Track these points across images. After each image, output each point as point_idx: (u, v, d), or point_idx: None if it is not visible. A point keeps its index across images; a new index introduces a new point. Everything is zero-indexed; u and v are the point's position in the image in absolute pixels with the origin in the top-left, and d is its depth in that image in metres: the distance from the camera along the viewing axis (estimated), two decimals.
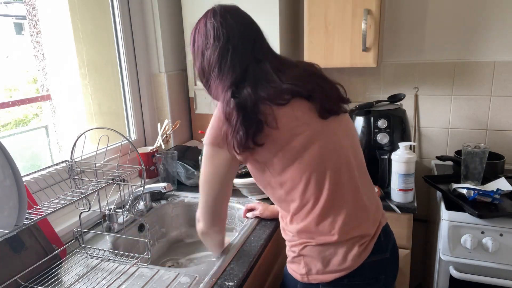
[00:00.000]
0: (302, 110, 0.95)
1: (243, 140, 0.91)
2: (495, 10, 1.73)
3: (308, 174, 0.94)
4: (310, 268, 0.99)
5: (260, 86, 0.93)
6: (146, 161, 1.65)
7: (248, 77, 0.95)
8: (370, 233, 0.99)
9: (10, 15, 1.43)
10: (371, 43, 1.56)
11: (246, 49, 0.97)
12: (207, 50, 0.99)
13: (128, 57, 1.70)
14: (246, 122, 0.90)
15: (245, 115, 0.91)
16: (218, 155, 0.97)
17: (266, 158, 0.95)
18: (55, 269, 1.07)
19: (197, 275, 1.04)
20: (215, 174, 1.00)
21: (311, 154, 0.94)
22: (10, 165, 0.85)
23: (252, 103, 0.91)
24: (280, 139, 0.93)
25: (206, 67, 1.00)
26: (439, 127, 1.92)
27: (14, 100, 1.32)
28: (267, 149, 0.94)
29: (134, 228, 1.38)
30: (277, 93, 0.92)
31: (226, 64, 0.96)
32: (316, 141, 0.94)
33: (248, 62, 0.97)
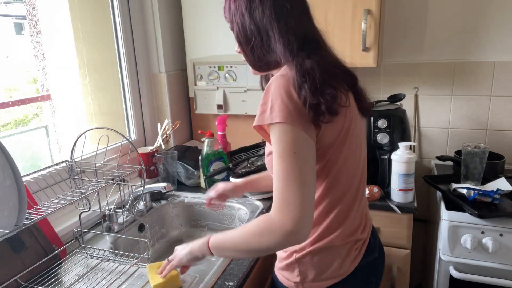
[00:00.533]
0: (352, 102, 0.90)
1: (334, 100, 0.79)
2: (495, 10, 1.73)
3: (332, 172, 0.87)
4: (306, 275, 0.93)
5: (325, 58, 0.85)
6: (146, 161, 1.65)
7: (309, 46, 0.85)
8: (363, 236, 0.97)
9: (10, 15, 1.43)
10: (371, 43, 1.56)
11: (300, 12, 0.87)
12: (255, 11, 0.84)
13: (128, 57, 1.70)
14: (329, 82, 0.79)
15: (326, 76, 0.80)
16: (294, 133, 0.78)
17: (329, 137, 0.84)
18: (55, 269, 1.07)
19: (197, 275, 1.04)
20: (298, 160, 0.77)
21: (345, 153, 0.87)
22: (10, 165, 0.85)
23: (327, 70, 0.81)
24: (345, 120, 0.85)
25: (253, 30, 0.85)
26: (439, 127, 1.92)
27: (14, 100, 1.32)
28: (332, 126, 0.83)
29: (134, 228, 1.38)
30: (335, 75, 0.84)
31: (286, 25, 0.83)
32: (353, 141, 0.89)
33: (306, 27, 0.87)
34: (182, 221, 1.58)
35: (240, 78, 1.75)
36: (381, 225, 1.52)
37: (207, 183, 1.58)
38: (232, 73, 1.75)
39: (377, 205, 1.48)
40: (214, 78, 1.79)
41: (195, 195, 1.59)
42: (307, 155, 0.79)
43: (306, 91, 0.77)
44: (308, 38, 0.86)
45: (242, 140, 1.83)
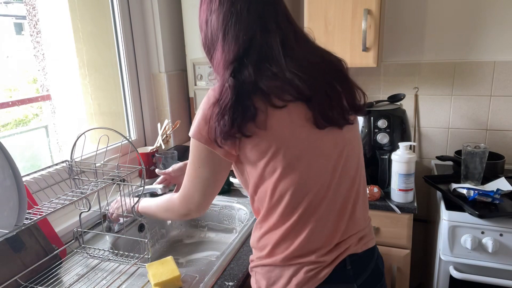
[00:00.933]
0: (298, 116, 0.82)
1: (226, 126, 0.78)
2: (495, 10, 1.73)
3: (283, 192, 0.83)
4: (260, 285, 0.90)
5: (263, 67, 0.80)
6: (146, 161, 1.65)
7: (252, 52, 0.80)
8: (324, 260, 0.86)
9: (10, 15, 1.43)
10: (371, 43, 1.56)
11: (253, 14, 0.81)
12: (211, 15, 0.84)
13: (128, 57, 1.70)
14: (236, 106, 0.78)
15: (237, 98, 0.78)
16: (201, 147, 0.86)
17: (250, 158, 0.83)
18: (55, 269, 1.07)
19: (197, 275, 1.04)
20: (203, 168, 0.89)
21: (294, 173, 0.82)
22: (10, 165, 0.85)
23: (248, 89, 0.79)
24: (265, 142, 0.80)
25: (209, 36, 0.86)
26: (439, 127, 1.92)
27: (14, 100, 1.32)
28: (250, 146, 0.81)
29: (134, 228, 1.38)
30: (277, 88, 0.79)
31: (229, 32, 0.81)
32: (303, 158, 0.82)
33: (254, 31, 0.81)
34: (182, 221, 1.58)
35: None
36: (381, 225, 1.52)
37: None
38: None
39: (377, 205, 1.49)
40: (214, 78, 1.78)
41: None
42: (210, 168, 0.88)
43: (213, 112, 0.80)
44: (256, 45, 0.81)
45: None
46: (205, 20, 0.86)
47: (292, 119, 0.81)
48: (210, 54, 0.89)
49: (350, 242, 0.90)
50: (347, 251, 0.89)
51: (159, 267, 1.01)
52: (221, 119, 0.78)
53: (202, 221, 1.57)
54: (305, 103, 0.82)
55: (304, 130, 0.82)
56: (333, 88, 0.85)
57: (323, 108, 0.83)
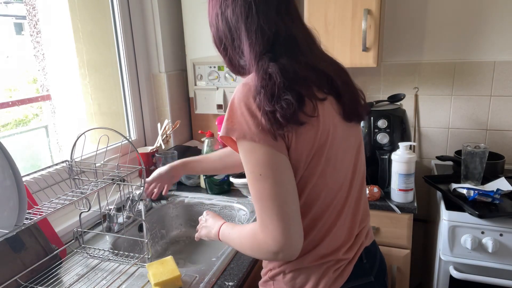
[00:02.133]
0: (334, 109, 0.81)
1: (290, 108, 0.71)
2: (495, 10, 1.73)
3: (319, 190, 0.80)
4: None
5: (294, 58, 0.77)
6: (146, 161, 1.65)
7: (280, 46, 0.77)
8: (348, 257, 0.85)
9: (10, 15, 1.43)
10: (371, 43, 1.56)
11: (270, 8, 0.78)
12: (226, 9, 0.80)
13: (128, 57, 1.70)
14: (291, 88, 0.72)
15: (290, 81, 0.73)
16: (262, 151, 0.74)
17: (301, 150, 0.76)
18: (55, 269, 1.07)
19: (197, 275, 1.04)
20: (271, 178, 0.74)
21: (330, 169, 0.79)
22: (10, 165, 0.85)
23: (292, 77, 0.74)
24: (314, 131, 0.75)
25: (225, 30, 0.81)
26: (439, 127, 1.92)
27: (14, 100, 1.32)
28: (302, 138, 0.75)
29: (134, 228, 1.38)
30: (314, 80, 0.77)
31: (253, 23, 0.77)
32: (338, 154, 0.81)
33: (277, 24, 0.77)
34: (182, 221, 1.58)
35: (240, 78, 1.74)
36: (381, 225, 1.52)
37: (207, 183, 1.58)
38: (232, 73, 1.75)
39: (377, 205, 1.49)
40: (214, 78, 1.79)
41: (195, 195, 1.59)
42: (278, 171, 0.73)
43: (261, 99, 0.72)
44: (281, 37, 0.77)
45: None
46: (217, 14, 0.82)
47: (332, 111, 0.80)
48: (225, 49, 0.84)
49: (363, 235, 0.91)
50: (363, 245, 0.90)
51: (159, 267, 1.01)
52: (279, 100, 0.71)
53: None
54: (335, 97, 0.82)
55: (340, 124, 0.82)
56: (351, 84, 0.86)
57: (352, 102, 0.84)
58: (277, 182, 0.73)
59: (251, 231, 0.80)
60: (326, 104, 0.79)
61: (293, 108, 0.71)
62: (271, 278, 0.88)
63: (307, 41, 0.82)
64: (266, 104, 0.71)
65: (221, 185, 1.59)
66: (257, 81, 0.74)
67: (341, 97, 0.82)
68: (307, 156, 0.76)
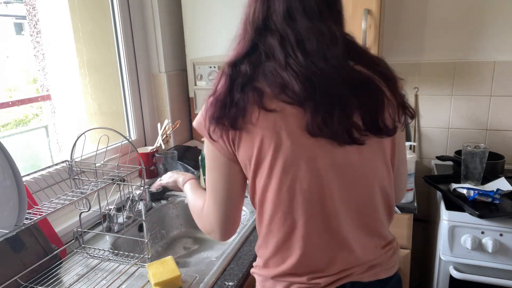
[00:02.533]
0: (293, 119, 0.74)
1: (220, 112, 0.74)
2: (495, 10, 1.73)
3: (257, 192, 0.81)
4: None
5: (262, 66, 0.75)
6: (146, 161, 1.65)
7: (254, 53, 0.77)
8: (319, 282, 0.80)
9: (10, 15, 1.43)
10: (371, 43, 1.56)
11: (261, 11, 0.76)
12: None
13: (128, 57, 1.70)
14: (230, 96, 0.74)
15: (232, 89, 0.74)
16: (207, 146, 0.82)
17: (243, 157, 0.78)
18: (55, 269, 1.07)
19: (197, 275, 1.04)
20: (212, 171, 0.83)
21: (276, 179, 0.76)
22: (10, 165, 0.85)
23: (243, 83, 0.74)
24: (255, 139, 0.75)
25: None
26: (439, 127, 1.92)
27: (14, 100, 1.32)
28: (243, 145, 0.77)
29: (134, 228, 1.38)
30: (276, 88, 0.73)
31: (238, 31, 0.80)
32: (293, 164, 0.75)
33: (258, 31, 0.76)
34: (182, 221, 1.58)
35: None
36: None
37: None
38: None
39: None
40: (214, 78, 1.78)
41: None
42: (217, 168, 0.82)
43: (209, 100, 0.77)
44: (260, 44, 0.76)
45: None
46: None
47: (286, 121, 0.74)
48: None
49: (354, 268, 0.82)
50: (347, 278, 0.81)
51: (159, 267, 1.01)
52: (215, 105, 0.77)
53: None
54: (301, 107, 0.73)
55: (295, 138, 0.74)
56: (343, 100, 0.73)
57: (321, 116, 0.72)
58: (217, 177, 0.83)
59: (202, 205, 0.90)
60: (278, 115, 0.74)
61: (232, 113, 0.74)
62: (253, 274, 0.92)
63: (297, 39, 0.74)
64: (208, 106, 0.77)
65: None
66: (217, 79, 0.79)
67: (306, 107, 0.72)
68: (250, 162, 0.78)
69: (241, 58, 0.77)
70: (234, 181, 0.83)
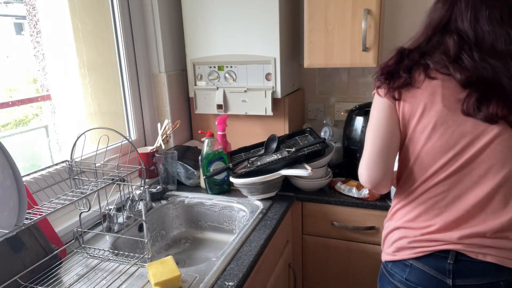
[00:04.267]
0: (450, 91, 0.90)
1: (391, 67, 0.95)
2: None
3: (405, 144, 1.01)
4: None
5: (431, 55, 0.94)
6: (146, 161, 1.65)
7: (426, 46, 0.97)
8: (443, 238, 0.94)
9: (10, 15, 1.43)
10: (371, 43, 1.56)
11: (445, 15, 0.98)
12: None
13: (128, 57, 1.70)
14: (400, 63, 0.96)
15: (401, 57, 0.96)
16: (377, 101, 1.00)
17: (410, 112, 0.95)
18: (55, 269, 1.07)
19: (197, 275, 1.04)
20: (376, 121, 1.00)
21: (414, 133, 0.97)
22: (10, 165, 0.85)
23: (413, 58, 0.95)
24: (421, 100, 0.92)
25: None
26: None
27: (14, 100, 1.32)
28: (409, 100, 0.94)
29: (134, 228, 1.38)
30: (437, 63, 0.92)
31: (420, 30, 1.02)
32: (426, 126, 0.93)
33: (438, 30, 0.98)
34: (182, 221, 1.58)
35: (240, 78, 1.75)
36: (381, 225, 1.51)
37: (207, 183, 1.58)
38: (232, 73, 1.75)
39: (377, 205, 1.49)
40: (214, 78, 1.79)
41: (195, 195, 1.59)
42: (380, 118, 1.00)
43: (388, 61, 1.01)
44: (433, 40, 0.98)
45: (242, 140, 1.83)
46: None
47: (442, 91, 0.91)
48: None
49: (461, 233, 0.93)
50: (454, 244, 0.93)
51: (159, 267, 1.01)
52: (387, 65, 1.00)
53: (202, 221, 1.57)
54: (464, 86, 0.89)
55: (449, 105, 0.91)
56: (507, 92, 0.86)
57: (477, 100, 0.87)
58: (375, 123, 1.01)
59: None
60: (436, 83, 0.92)
61: (393, 67, 0.96)
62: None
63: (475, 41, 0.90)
64: (384, 67, 0.98)
65: (221, 185, 1.59)
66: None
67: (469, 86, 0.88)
68: (409, 118, 0.95)
69: (414, 47, 0.97)
70: (392, 130, 0.99)
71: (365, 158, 1.03)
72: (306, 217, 1.62)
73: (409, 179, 1.01)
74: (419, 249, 0.96)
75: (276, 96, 1.71)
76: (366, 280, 1.61)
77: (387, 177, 1.02)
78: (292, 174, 1.45)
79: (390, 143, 0.99)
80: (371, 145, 1.01)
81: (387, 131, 0.98)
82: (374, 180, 1.02)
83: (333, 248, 1.62)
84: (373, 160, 1.01)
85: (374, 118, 1.01)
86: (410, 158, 0.99)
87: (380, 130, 0.99)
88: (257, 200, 1.51)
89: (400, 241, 1.01)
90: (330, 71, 2.03)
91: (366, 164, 1.02)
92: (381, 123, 0.99)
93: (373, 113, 1.02)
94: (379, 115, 0.99)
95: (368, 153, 1.02)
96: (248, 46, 1.69)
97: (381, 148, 0.99)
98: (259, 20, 1.65)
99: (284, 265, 1.51)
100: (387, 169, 1.01)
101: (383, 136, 0.99)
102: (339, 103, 2.05)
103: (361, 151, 1.07)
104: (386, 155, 1.00)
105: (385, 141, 0.99)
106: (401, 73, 0.94)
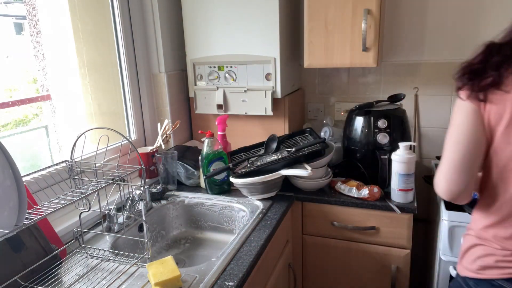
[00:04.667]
0: None
1: (477, 65, 0.87)
2: (494, 10, 1.73)
3: (489, 152, 0.91)
4: None
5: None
6: (146, 161, 1.65)
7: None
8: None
9: (10, 15, 1.43)
10: (371, 43, 1.56)
11: None
12: None
13: (128, 57, 1.70)
14: (487, 60, 0.87)
15: (490, 53, 0.88)
16: (459, 104, 0.91)
17: (496, 117, 0.85)
18: (55, 269, 1.07)
19: (197, 275, 1.04)
20: (457, 127, 0.91)
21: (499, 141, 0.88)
22: (10, 165, 0.85)
23: (505, 53, 0.87)
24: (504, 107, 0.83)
25: None
26: (439, 127, 1.92)
27: (14, 100, 1.32)
28: (497, 102, 0.84)
29: (134, 228, 1.38)
30: None
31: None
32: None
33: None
34: (182, 221, 1.58)
35: (240, 78, 1.75)
36: (381, 225, 1.52)
37: (207, 183, 1.58)
38: (232, 73, 1.75)
39: (377, 205, 1.49)
40: (214, 78, 1.79)
41: (195, 195, 1.59)
42: (462, 123, 0.91)
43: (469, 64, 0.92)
44: None
45: (242, 140, 1.83)
46: None
47: None
48: None
49: None
50: None
51: (159, 267, 1.01)
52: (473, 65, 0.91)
53: (202, 221, 1.57)
54: None
55: None
56: None
57: None
58: (456, 129, 0.91)
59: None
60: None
61: (481, 69, 0.87)
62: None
63: None
64: (468, 67, 0.90)
65: (221, 185, 1.59)
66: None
67: None
68: (495, 123, 0.87)
69: (506, 41, 0.92)
70: (476, 137, 0.90)
71: (444, 169, 0.94)
72: (306, 217, 1.62)
73: (494, 194, 0.93)
74: (509, 270, 0.91)
75: (276, 96, 1.71)
76: (366, 280, 1.61)
77: (468, 189, 0.94)
78: (292, 174, 1.45)
79: (474, 151, 0.89)
80: (452, 154, 0.91)
81: (470, 139, 0.88)
82: (454, 193, 0.94)
83: (333, 248, 1.62)
84: (454, 171, 0.91)
85: (455, 123, 0.92)
86: (494, 171, 0.91)
87: (462, 137, 0.89)
88: (257, 200, 1.51)
89: (485, 259, 0.95)
90: (330, 71, 2.03)
91: (445, 175, 0.93)
92: (464, 129, 0.89)
93: (454, 117, 0.92)
94: (461, 119, 0.90)
95: (448, 163, 0.92)
96: (248, 46, 1.69)
97: (463, 157, 0.90)
98: (259, 20, 1.65)
99: (284, 265, 1.51)
100: (470, 181, 0.92)
101: (466, 143, 0.89)
102: (339, 103, 2.05)
103: (361, 151, 1.06)
104: (469, 165, 0.90)
105: (469, 149, 0.89)
106: (489, 71, 0.85)
